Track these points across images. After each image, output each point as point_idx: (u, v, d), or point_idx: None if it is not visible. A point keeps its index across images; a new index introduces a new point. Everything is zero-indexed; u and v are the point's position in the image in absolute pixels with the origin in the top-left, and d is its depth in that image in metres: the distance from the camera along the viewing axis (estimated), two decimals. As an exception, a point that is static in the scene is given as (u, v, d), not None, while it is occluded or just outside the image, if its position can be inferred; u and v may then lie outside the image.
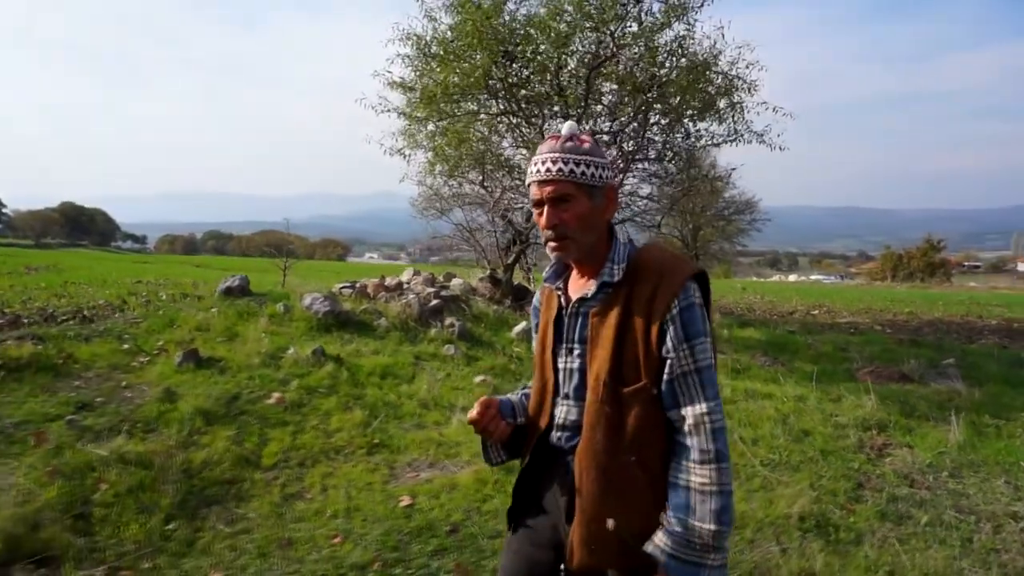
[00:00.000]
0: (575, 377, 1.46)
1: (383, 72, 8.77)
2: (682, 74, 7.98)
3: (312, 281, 10.82)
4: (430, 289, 8.01)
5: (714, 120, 9.02)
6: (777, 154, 9.32)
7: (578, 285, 1.50)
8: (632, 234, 10.44)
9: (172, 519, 3.20)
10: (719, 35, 8.38)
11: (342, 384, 5.06)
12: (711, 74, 8.20)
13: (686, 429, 1.35)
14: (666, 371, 1.36)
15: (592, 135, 9.38)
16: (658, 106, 8.79)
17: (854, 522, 3.50)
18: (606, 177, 1.42)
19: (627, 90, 8.53)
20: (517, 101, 8.63)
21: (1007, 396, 6.17)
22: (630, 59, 7.89)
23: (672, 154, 10.22)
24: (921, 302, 14.29)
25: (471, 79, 7.62)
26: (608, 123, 9.91)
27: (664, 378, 1.36)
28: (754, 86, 8.87)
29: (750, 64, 8.73)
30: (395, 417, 4.69)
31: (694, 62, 7.99)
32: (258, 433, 4.18)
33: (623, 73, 8.09)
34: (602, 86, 9.14)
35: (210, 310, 6.67)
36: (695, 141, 9.38)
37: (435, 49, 8.33)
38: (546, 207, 1.41)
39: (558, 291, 1.53)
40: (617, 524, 1.35)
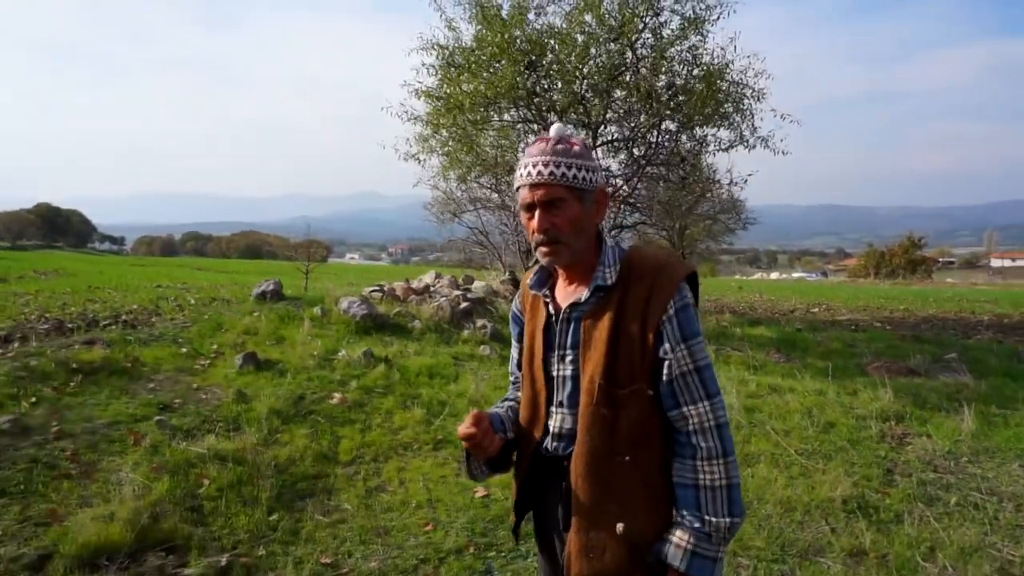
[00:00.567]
0: (568, 384, 1.44)
1: (411, 83, 8.99)
2: (698, 83, 8.27)
3: (327, 284, 11.01)
4: (456, 292, 8.25)
5: (722, 126, 9.34)
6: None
7: (567, 291, 1.48)
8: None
9: (273, 511, 3.43)
10: (730, 45, 8.70)
11: (396, 384, 5.30)
12: (722, 83, 8.51)
13: (690, 428, 1.35)
14: (665, 372, 1.35)
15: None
16: (668, 112, 9.08)
17: (890, 504, 3.80)
18: (596, 181, 1.40)
19: (642, 98, 8.82)
20: (537, 109, 8.89)
21: (1009, 388, 6.52)
22: (648, 69, 8.18)
23: (680, 159, 10.53)
24: (914, 299, 14.72)
25: (498, 89, 7.86)
26: (619, 129, 10.20)
27: (663, 379, 1.35)
28: (762, 94, 9.21)
29: (758, 73, 9.07)
30: (451, 415, 4.94)
31: (709, 71, 8.29)
32: (329, 431, 4.42)
33: (641, 82, 8.37)
34: (614, 93, 9.42)
35: (252, 314, 6.88)
36: (703, 146, 9.69)
37: (459, 59, 8.57)
38: (537, 211, 1.37)
39: (545, 298, 1.50)
40: (626, 528, 1.34)
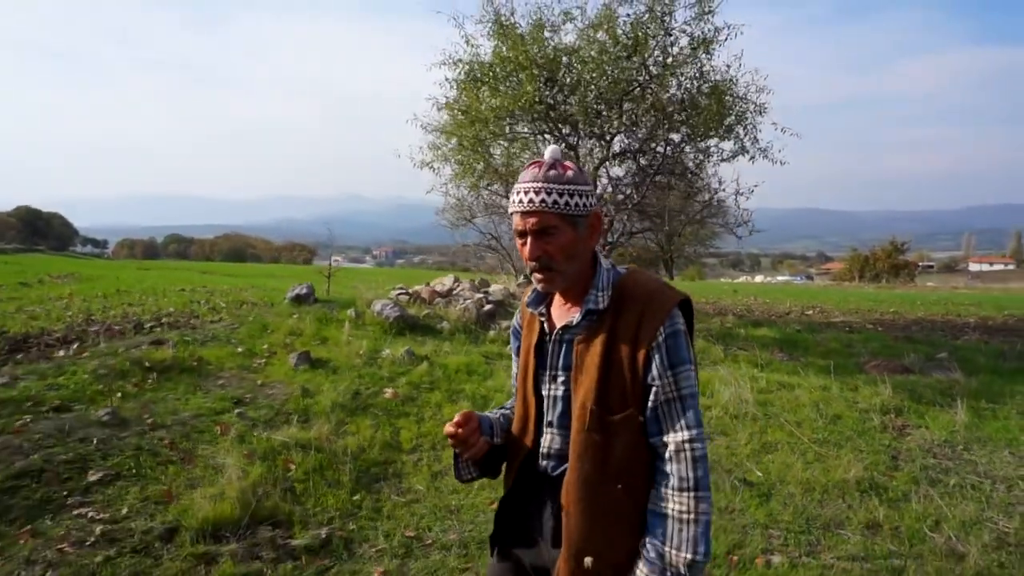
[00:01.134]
0: (559, 405, 1.43)
1: (435, 97, 9.39)
2: (706, 99, 8.72)
3: (350, 286, 11.33)
4: (478, 295, 8.64)
5: (727, 138, 9.78)
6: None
7: (562, 311, 1.47)
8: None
9: (355, 492, 3.81)
10: (735, 62, 9.16)
11: (440, 381, 5.68)
12: (727, 98, 8.96)
13: (667, 456, 1.33)
14: (651, 398, 1.34)
15: (600, 151, 10.14)
16: (678, 125, 9.52)
17: (897, 485, 4.22)
18: (590, 205, 1.38)
19: (653, 111, 9.25)
20: (553, 121, 9.30)
21: (996, 385, 6.98)
22: (659, 85, 8.61)
23: (684, 169, 10.97)
24: (901, 302, 15.26)
25: (520, 103, 8.26)
26: (628, 140, 10.63)
27: (648, 405, 1.35)
28: (763, 108, 9.67)
29: (760, 88, 9.53)
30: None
31: (717, 88, 8.74)
32: (388, 423, 4.79)
33: (652, 97, 8.80)
34: (625, 106, 9.83)
35: (292, 316, 7.23)
36: (708, 157, 10.13)
37: (479, 74, 8.96)
38: (529, 239, 1.37)
39: (541, 317, 1.49)
40: (595, 562, 1.33)
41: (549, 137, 9.62)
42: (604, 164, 9.24)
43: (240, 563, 3.00)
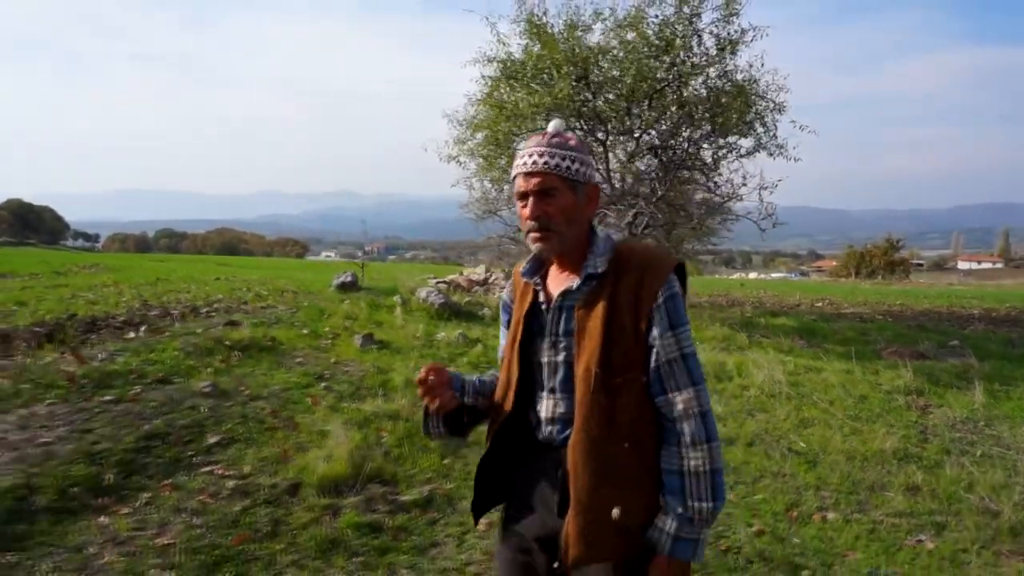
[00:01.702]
0: (561, 370, 1.44)
1: (470, 94, 9.71)
2: (731, 99, 9.04)
3: (395, 277, 11.68)
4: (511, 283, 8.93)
5: (747, 135, 10.10)
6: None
7: (558, 280, 1.48)
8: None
9: (444, 456, 4.14)
10: (757, 61, 9.49)
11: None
12: (751, 96, 9.29)
13: (676, 414, 1.37)
14: (652, 358, 1.37)
15: (630, 146, 10.46)
16: (702, 122, 9.84)
17: (929, 454, 4.58)
18: (589, 175, 1.42)
19: (678, 108, 9.58)
20: (585, 118, 9.61)
21: (1007, 369, 7.35)
22: (686, 84, 8.94)
23: (703, 163, 11.30)
24: (907, 296, 15.67)
25: (557, 100, 8.57)
26: (651, 136, 10.94)
27: (651, 365, 1.37)
28: (782, 106, 9.99)
29: (779, 88, 9.86)
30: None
31: (741, 87, 9.06)
32: (457, 397, 5.13)
33: (679, 96, 9.13)
34: (651, 103, 10.14)
35: (343, 302, 7.56)
36: (731, 152, 10.45)
37: (515, 72, 9.26)
38: (531, 199, 1.39)
39: (536, 286, 1.49)
40: (622, 512, 1.35)
41: (580, 134, 9.92)
42: (633, 159, 9.55)
43: (360, 514, 3.34)
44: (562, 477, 1.40)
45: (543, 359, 1.46)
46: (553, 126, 1.43)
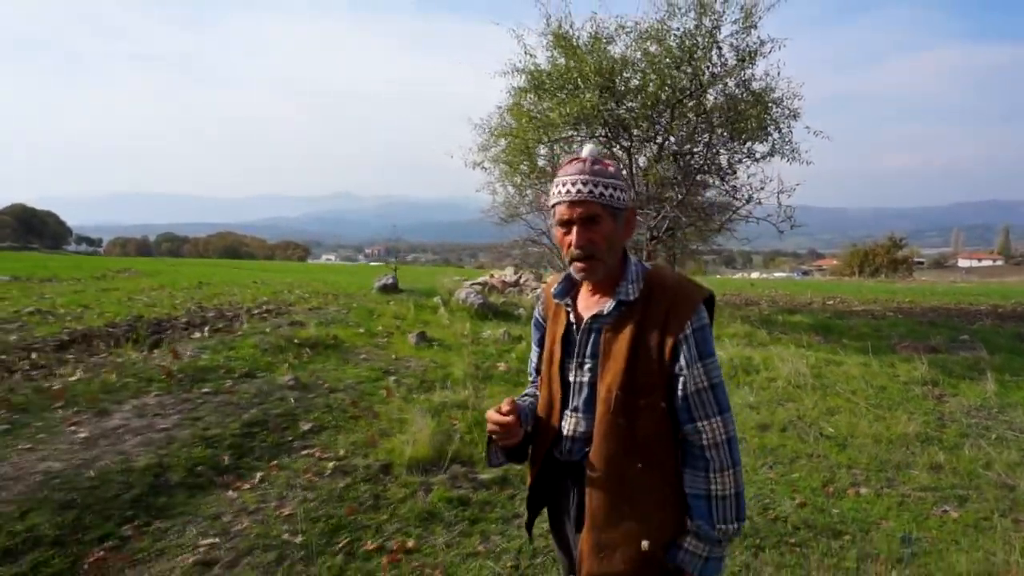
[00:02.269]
0: (585, 390, 1.47)
1: (500, 104, 10.13)
2: (749, 107, 9.42)
3: (432, 280, 12.08)
4: (544, 285, 9.34)
5: (764, 141, 10.47)
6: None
7: (589, 302, 1.51)
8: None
9: (509, 440, 4.54)
10: (773, 69, 9.87)
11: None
12: (768, 103, 9.67)
13: (704, 442, 1.41)
14: (680, 387, 1.40)
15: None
16: (720, 129, 10.22)
17: (948, 437, 4.95)
18: (627, 201, 1.45)
19: (696, 116, 9.96)
20: (609, 127, 10.00)
21: (1017, 362, 7.68)
22: (705, 93, 9.32)
23: (719, 167, 11.68)
24: (915, 294, 16.00)
25: (585, 110, 8.96)
26: (670, 142, 11.33)
27: (679, 394, 1.41)
28: (797, 113, 10.36)
29: (794, 95, 10.23)
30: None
31: (758, 96, 9.44)
32: (512, 392, 5.52)
33: (699, 105, 9.51)
34: (673, 111, 10.53)
35: (388, 303, 7.96)
36: (749, 157, 10.82)
37: (542, 81, 9.66)
38: (575, 227, 1.41)
39: (568, 308, 1.52)
40: (651, 544, 1.40)
41: (603, 141, 10.31)
42: (655, 165, 9.92)
43: (448, 490, 3.73)
44: (579, 494, 1.47)
45: (570, 378, 1.51)
46: (588, 151, 1.45)
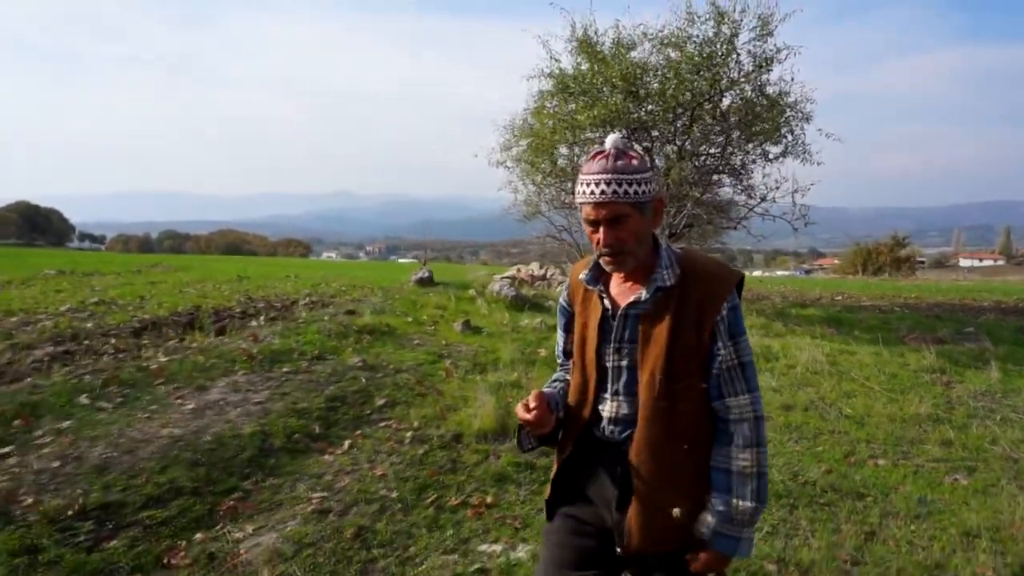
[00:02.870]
0: (625, 374, 1.49)
1: (529, 107, 10.56)
2: (764, 109, 9.82)
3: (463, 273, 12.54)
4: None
5: (777, 142, 10.84)
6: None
7: (623, 288, 1.52)
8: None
9: (560, 416, 4.97)
10: (787, 74, 10.25)
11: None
12: (784, 107, 10.06)
13: (731, 417, 1.45)
14: (714, 366, 1.44)
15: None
16: (736, 131, 10.62)
17: (956, 418, 5.35)
18: (654, 191, 1.42)
19: (713, 119, 10.35)
20: (632, 129, 10.40)
21: (1019, 352, 8.05)
22: (726, 97, 9.73)
23: (733, 168, 12.07)
24: (920, 290, 16.35)
25: (612, 113, 9.37)
26: (685, 143, 11.72)
27: (712, 372, 1.44)
28: (809, 116, 10.73)
29: (808, 99, 10.60)
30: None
31: (774, 101, 9.83)
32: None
33: (717, 109, 9.91)
34: (693, 114, 10.91)
35: (427, 294, 8.40)
36: (760, 158, 11.20)
37: (572, 86, 10.07)
38: (602, 227, 1.41)
39: (601, 294, 1.52)
40: (682, 512, 1.43)
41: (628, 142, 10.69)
42: (675, 164, 10.29)
43: (515, 457, 4.16)
44: (621, 474, 1.48)
45: (608, 363, 1.52)
46: (611, 141, 1.43)
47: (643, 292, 1.46)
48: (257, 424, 4.12)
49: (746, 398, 1.44)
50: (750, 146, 11.30)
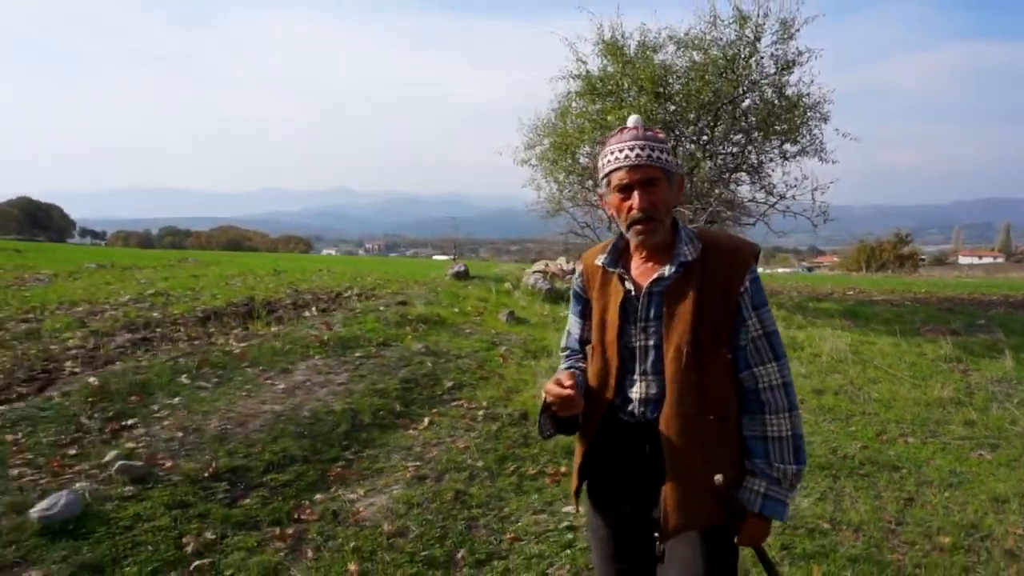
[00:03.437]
0: (652, 353, 1.48)
1: (556, 107, 10.91)
2: (784, 110, 10.14)
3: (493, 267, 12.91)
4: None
5: (795, 142, 11.15)
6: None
7: (644, 269, 1.52)
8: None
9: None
10: (807, 76, 10.55)
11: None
12: (804, 108, 10.39)
13: (760, 386, 1.45)
14: (740, 337, 1.45)
15: (700, 153, 11.58)
16: (740, 128, 10.94)
17: (977, 401, 5.69)
18: (677, 164, 1.51)
19: (734, 119, 10.68)
20: (655, 125, 10.74)
21: (1030, 344, 8.43)
22: (749, 98, 10.06)
23: (750, 166, 12.39)
24: (929, 285, 16.67)
25: (638, 113, 9.70)
26: (709, 143, 12.04)
27: (739, 343, 1.46)
28: (827, 116, 11.04)
29: (826, 100, 10.90)
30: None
31: (794, 102, 10.15)
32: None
33: (738, 110, 10.24)
34: (718, 114, 11.21)
35: (467, 287, 8.76)
36: (779, 156, 11.50)
37: (599, 87, 10.39)
38: (636, 190, 1.42)
39: (622, 276, 1.52)
40: (724, 478, 1.41)
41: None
42: (699, 162, 10.63)
43: (577, 432, 4.53)
44: (651, 453, 1.47)
45: (634, 344, 1.50)
46: (633, 120, 1.48)
47: (666, 268, 1.47)
48: (345, 402, 4.48)
49: (774, 365, 1.46)
50: (768, 145, 11.63)
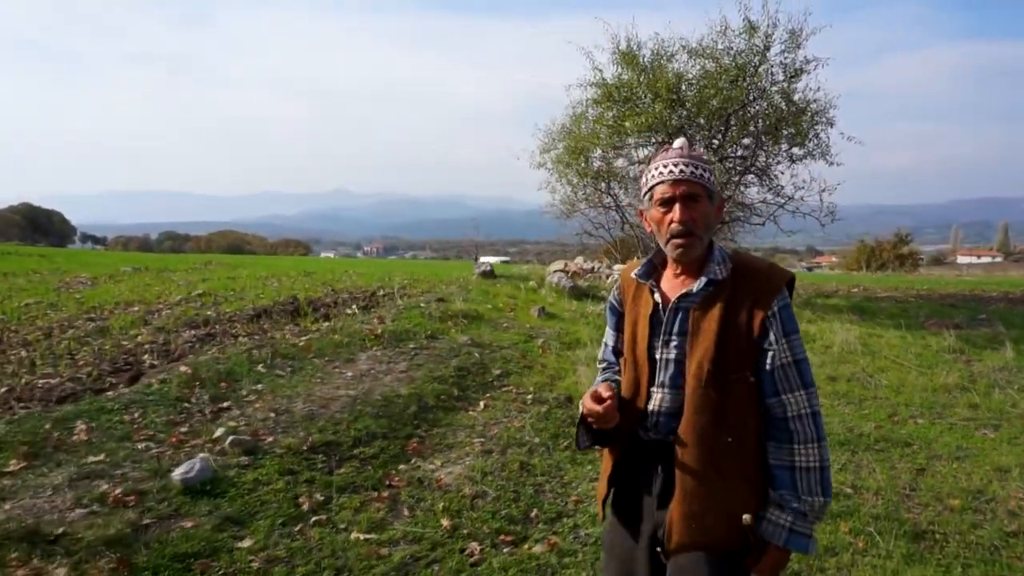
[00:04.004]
0: (671, 367, 1.49)
1: (573, 112, 11.38)
2: (792, 115, 10.58)
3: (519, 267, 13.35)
4: (616, 271, 10.57)
5: (802, 145, 11.57)
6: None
7: (674, 283, 1.54)
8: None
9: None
10: (814, 83, 10.98)
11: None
12: (812, 114, 10.82)
13: (789, 414, 1.43)
14: (767, 362, 1.44)
15: (708, 155, 12.00)
16: (764, 136, 11.37)
17: (980, 388, 6.11)
18: (717, 187, 1.52)
19: (744, 125, 11.11)
20: (669, 133, 11.17)
21: (1029, 337, 8.84)
22: (761, 104, 10.51)
23: (758, 169, 12.83)
24: (931, 283, 17.05)
25: (655, 120, 10.15)
26: (720, 147, 12.47)
27: (766, 368, 1.44)
28: (832, 121, 11.46)
29: (832, 105, 11.33)
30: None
31: (802, 108, 10.59)
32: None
33: (748, 116, 10.68)
34: (730, 121, 11.64)
35: (495, 285, 9.19)
36: (786, 159, 11.93)
37: (615, 94, 10.83)
38: (677, 205, 1.45)
39: (652, 288, 1.55)
40: (751, 517, 1.41)
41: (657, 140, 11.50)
42: (714, 167, 11.04)
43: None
44: (664, 469, 1.47)
45: (656, 356, 1.52)
46: (680, 142, 1.53)
47: (694, 285, 1.48)
48: (409, 388, 4.92)
49: (802, 394, 1.44)
50: (776, 149, 12.05)
